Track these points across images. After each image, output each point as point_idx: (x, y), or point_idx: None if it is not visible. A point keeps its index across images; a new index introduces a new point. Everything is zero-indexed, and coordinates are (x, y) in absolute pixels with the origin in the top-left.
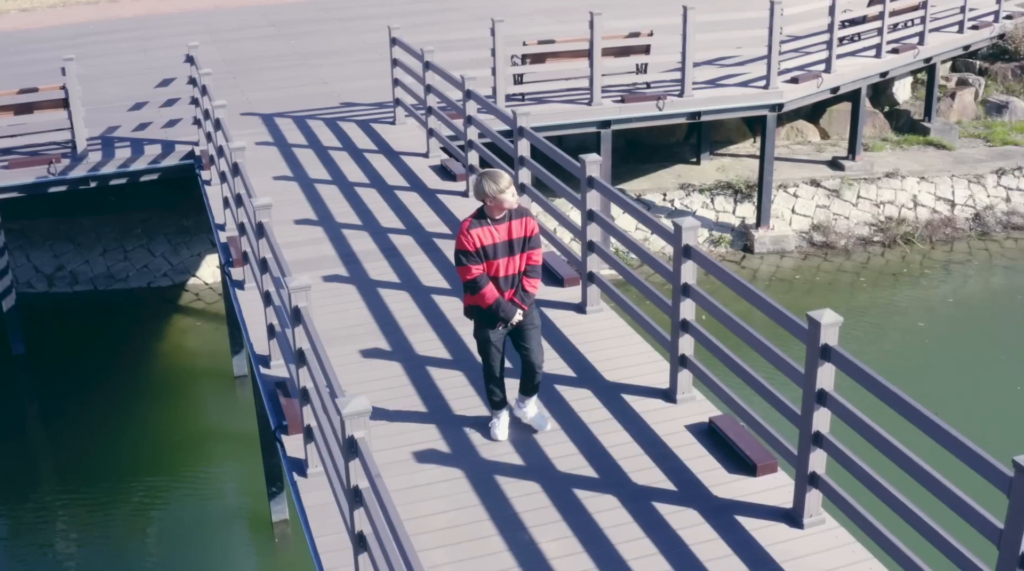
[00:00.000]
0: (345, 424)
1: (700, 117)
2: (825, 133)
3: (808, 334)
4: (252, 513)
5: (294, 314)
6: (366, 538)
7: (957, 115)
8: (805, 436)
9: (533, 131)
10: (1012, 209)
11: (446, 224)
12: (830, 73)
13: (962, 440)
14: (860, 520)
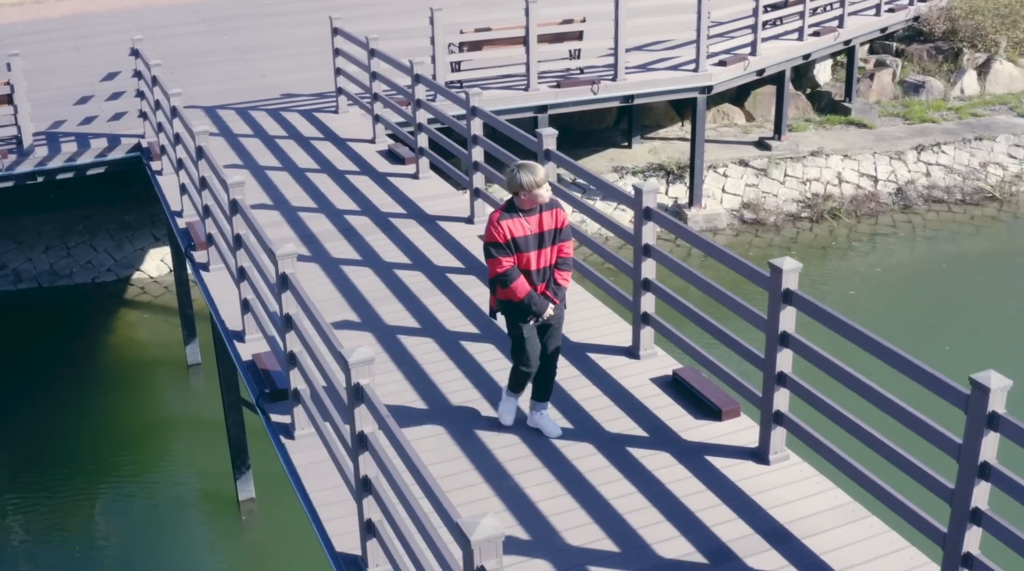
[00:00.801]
0: (351, 372)
1: (633, 100)
2: (750, 115)
3: (770, 281)
4: (218, 494)
5: (281, 280)
6: (371, 481)
7: (876, 95)
8: (769, 377)
9: (485, 110)
10: (932, 183)
11: (399, 204)
12: (756, 56)
13: (921, 365)
14: (823, 451)
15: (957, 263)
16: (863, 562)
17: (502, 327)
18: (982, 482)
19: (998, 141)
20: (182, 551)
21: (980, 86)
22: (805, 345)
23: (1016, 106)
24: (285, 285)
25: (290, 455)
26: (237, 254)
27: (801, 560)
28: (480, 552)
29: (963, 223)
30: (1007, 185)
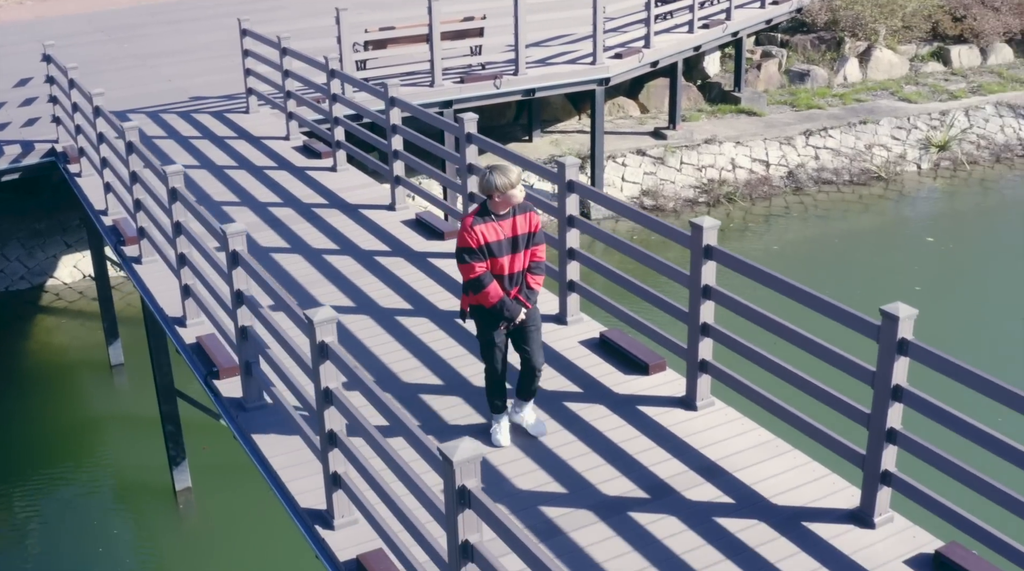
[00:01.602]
0: (316, 330)
1: (535, 94)
2: (644, 107)
3: (691, 238)
4: (154, 485)
5: (232, 258)
6: (336, 435)
7: (764, 84)
8: (694, 329)
9: (404, 101)
10: (821, 166)
11: (320, 196)
12: (649, 48)
13: (833, 302)
14: (747, 392)
15: (848, 238)
16: (789, 489)
17: (470, 329)
18: (895, 404)
19: (881, 124)
20: (119, 543)
21: (862, 73)
22: (726, 296)
23: (897, 91)
24: (236, 262)
25: (243, 427)
26: (177, 241)
27: (733, 491)
28: (461, 472)
29: (852, 202)
30: (892, 165)
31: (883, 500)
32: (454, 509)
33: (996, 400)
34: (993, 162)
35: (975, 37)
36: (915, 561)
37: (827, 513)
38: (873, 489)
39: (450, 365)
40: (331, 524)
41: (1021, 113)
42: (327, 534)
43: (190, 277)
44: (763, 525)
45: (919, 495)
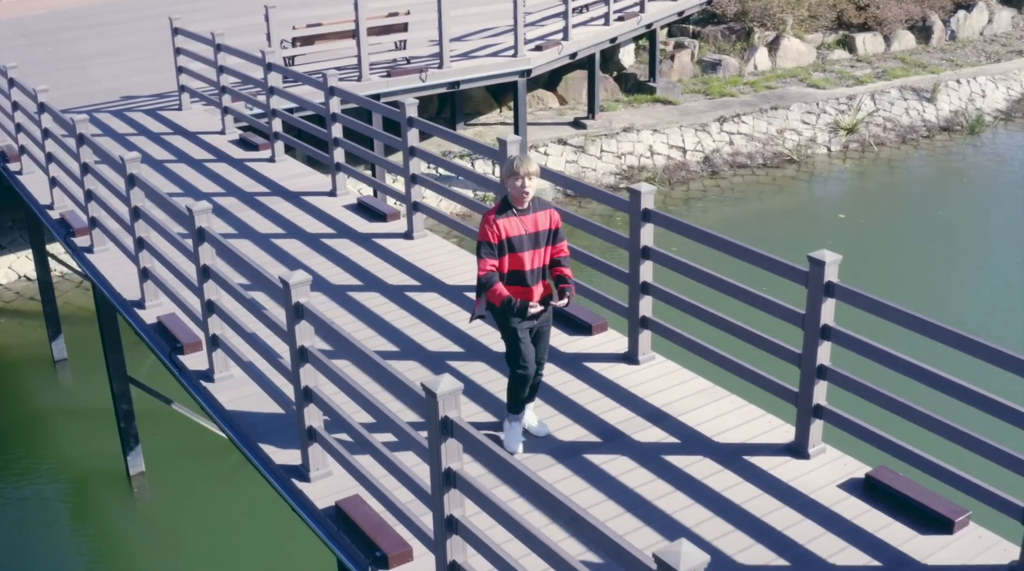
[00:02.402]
0: (292, 291)
1: (459, 86)
2: (563, 99)
3: (630, 204)
4: (108, 472)
5: (198, 234)
6: (312, 390)
7: (678, 74)
8: (634, 288)
9: (344, 90)
10: (735, 150)
11: (262, 185)
12: (568, 40)
13: (761, 253)
14: (685, 343)
15: (764, 218)
16: (729, 429)
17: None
18: (824, 342)
19: (792, 110)
20: (75, 529)
21: (772, 61)
22: (663, 254)
23: (805, 78)
24: (202, 238)
25: (214, 395)
26: (135, 226)
27: (678, 433)
28: (443, 404)
29: (766, 184)
30: (803, 148)
31: (816, 433)
32: (437, 439)
33: (914, 330)
34: (899, 143)
35: (878, 25)
36: (847, 485)
37: (765, 448)
38: (806, 423)
39: (404, 333)
40: (307, 477)
41: (924, 96)
42: (304, 486)
43: (149, 260)
44: (707, 460)
45: (849, 425)
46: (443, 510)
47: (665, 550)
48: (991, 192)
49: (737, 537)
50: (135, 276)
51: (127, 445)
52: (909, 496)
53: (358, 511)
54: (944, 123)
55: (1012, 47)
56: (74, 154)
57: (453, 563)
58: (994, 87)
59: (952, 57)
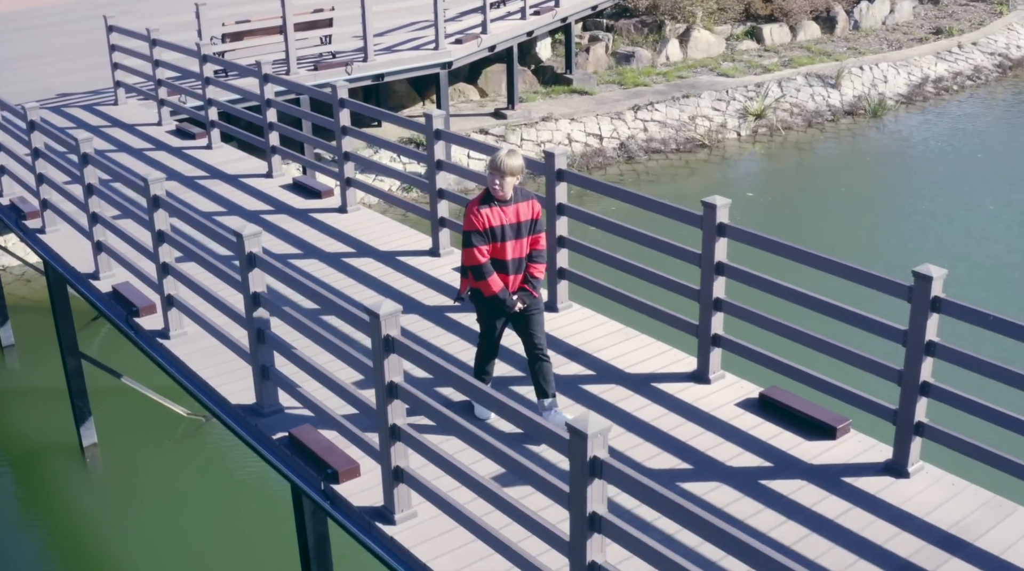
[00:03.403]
0: (245, 242)
1: (384, 78)
2: (484, 92)
3: (545, 166)
4: (61, 446)
5: (153, 202)
6: (263, 332)
7: (593, 66)
8: (551, 245)
9: (278, 76)
10: (649, 137)
11: (200, 170)
12: (487, 34)
13: (660, 201)
14: (600, 290)
15: (677, 198)
16: (639, 362)
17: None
18: (719, 277)
19: (703, 97)
20: (28, 499)
21: (683, 53)
22: (577, 210)
23: (715, 67)
24: (157, 205)
25: (171, 350)
26: (89, 202)
27: (594, 367)
28: (385, 323)
29: (680, 167)
30: (714, 133)
31: (715, 360)
32: (380, 355)
33: (795, 261)
34: (805, 127)
35: (785, 16)
36: (744, 403)
37: (670, 376)
38: (706, 352)
39: (344, 293)
40: (261, 412)
41: (829, 82)
42: (259, 420)
43: (102, 233)
44: (619, 388)
45: (744, 350)
46: (387, 420)
47: (576, 419)
48: (892, 170)
49: (646, 448)
50: (88, 251)
51: (80, 418)
52: (797, 409)
53: (309, 437)
54: (848, 107)
55: (913, 35)
56: (24, 141)
57: (397, 469)
58: (896, 73)
59: (856, 46)
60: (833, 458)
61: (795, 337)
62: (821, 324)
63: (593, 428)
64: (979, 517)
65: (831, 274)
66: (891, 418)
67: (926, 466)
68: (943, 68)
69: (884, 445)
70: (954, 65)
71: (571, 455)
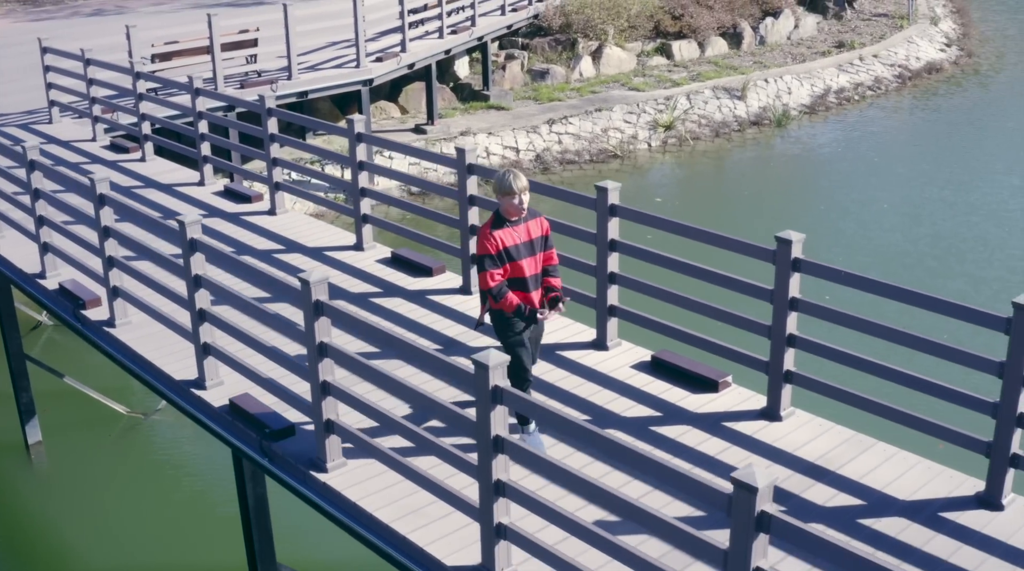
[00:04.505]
0: (187, 230)
1: (308, 95)
2: (404, 109)
3: (457, 162)
4: (5, 444)
5: (100, 200)
6: (205, 311)
7: (509, 83)
8: (464, 232)
9: (208, 90)
10: (564, 149)
11: (136, 180)
12: (406, 52)
13: (571, 191)
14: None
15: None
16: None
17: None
18: (614, 253)
19: (615, 111)
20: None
21: (595, 69)
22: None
23: (627, 82)
24: (103, 203)
25: (117, 337)
26: (36, 205)
27: None
28: (314, 290)
29: (593, 177)
30: (626, 145)
31: (612, 330)
32: (311, 320)
33: (678, 234)
34: (713, 137)
35: (693, 33)
36: (638, 365)
37: (572, 346)
38: (604, 322)
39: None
40: (203, 386)
41: (735, 95)
42: (200, 392)
43: (48, 234)
44: None
45: (637, 318)
46: (319, 377)
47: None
48: (794, 174)
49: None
50: (35, 254)
51: (25, 417)
52: (684, 367)
53: (248, 402)
54: (754, 118)
55: (816, 49)
56: None
57: (328, 421)
58: (799, 85)
59: (761, 60)
60: (715, 408)
61: (682, 304)
62: (703, 291)
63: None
64: (842, 451)
65: (708, 245)
66: (764, 369)
67: (796, 411)
68: (845, 79)
69: (760, 395)
70: (855, 76)
71: (476, 388)
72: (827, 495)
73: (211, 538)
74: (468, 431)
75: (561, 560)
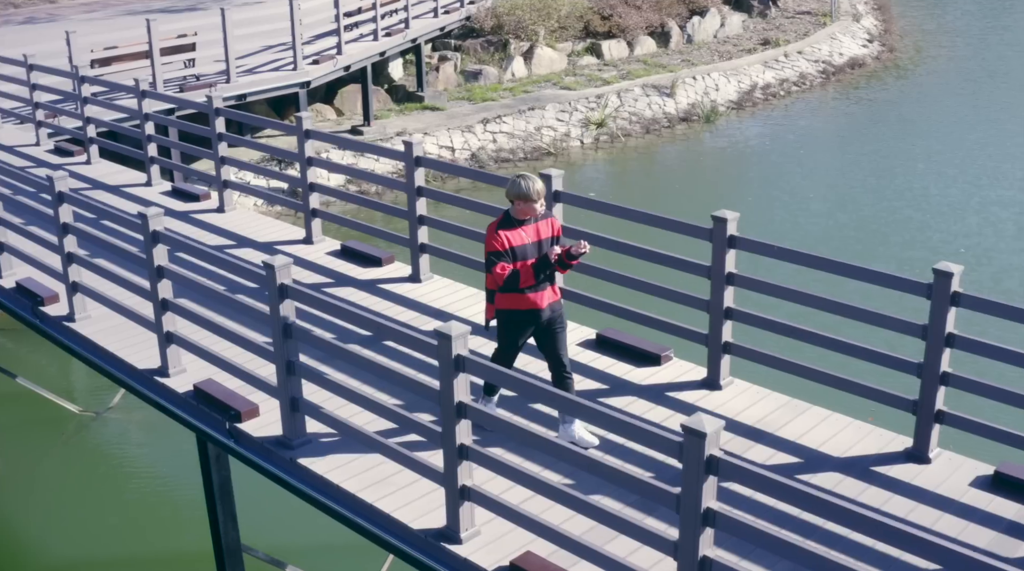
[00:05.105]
0: (149, 222)
1: (246, 98)
2: (340, 111)
3: (405, 155)
4: None
5: (58, 198)
6: (168, 301)
7: (443, 84)
8: (413, 224)
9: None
10: (499, 147)
11: (82, 182)
12: (342, 55)
13: (485, 172)
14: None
15: None
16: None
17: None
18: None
19: (547, 110)
20: None
21: (527, 69)
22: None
23: (558, 82)
24: (61, 200)
25: (77, 331)
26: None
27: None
28: (279, 274)
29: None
30: (559, 142)
31: None
32: (276, 302)
33: (616, 216)
34: (644, 133)
35: (622, 32)
36: (584, 343)
37: None
38: None
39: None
40: (167, 373)
41: (664, 92)
42: (164, 380)
43: (3, 234)
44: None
45: (582, 298)
46: (284, 357)
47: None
48: (723, 168)
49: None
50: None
51: None
52: (627, 343)
53: (213, 387)
54: (683, 114)
55: (742, 47)
56: None
57: (294, 399)
58: (726, 81)
59: (689, 58)
60: (659, 380)
61: (625, 283)
62: (645, 270)
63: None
64: (779, 415)
65: (648, 226)
66: (704, 342)
67: (735, 380)
68: (771, 76)
69: (701, 367)
70: (781, 73)
71: (440, 356)
72: (767, 455)
73: (174, 527)
74: (432, 399)
75: (524, 517)
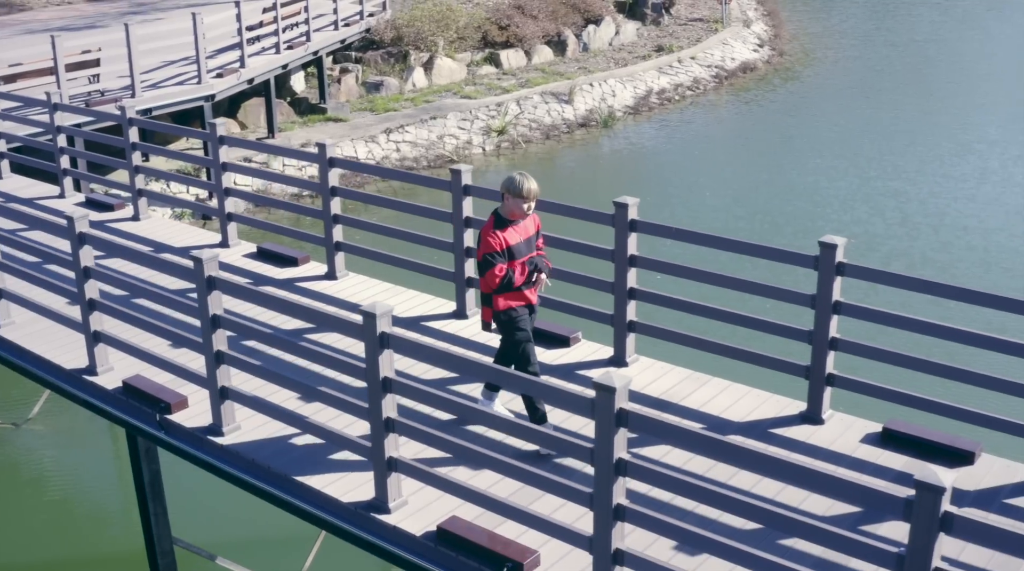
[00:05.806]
0: (75, 225)
1: (152, 112)
2: (243, 124)
3: (319, 157)
4: None
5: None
6: (96, 301)
7: (345, 96)
8: (328, 224)
9: (67, 104)
10: (403, 156)
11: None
12: (245, 68)
13: (430, 177)
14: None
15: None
16: (410, 309)
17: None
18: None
19: (449, 118)
20: None
21: (428, 79)
22: (350, 192)
23: (459, 91)
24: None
25: (3, 336)
26: None
27: None
28: (207, 266)
29: None
30: (461, 150)
31: (469, 300)
32: (204, 293)
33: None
34: (544, 139)
35: (520, 42)
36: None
37: (434, 317)
38: (463, 294)
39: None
40: (95, 372)
41: (563, 99)
42: (93, 378)
43: None
44: (400, 328)
45: None
46: (212, 348)
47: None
48: (623, 170)
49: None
50: None
51: None
52: (537, 327)
53: (142, 382)
54: (581, 120)
55: (637, 54)
56: None
57: (223, 388)
58: (623, 87)
59: (586, 65)
60: (568, 360)
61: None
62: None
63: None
64: (683, 387)
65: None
66: (610, 322)
67: (641, 357)
68: (665, 81)
69: (608, 347)
70: (675, 78)
71: (365, 334)
72: (672, 422)
73: (103, 528)
74: (359, 376)
75: (450, 484)
